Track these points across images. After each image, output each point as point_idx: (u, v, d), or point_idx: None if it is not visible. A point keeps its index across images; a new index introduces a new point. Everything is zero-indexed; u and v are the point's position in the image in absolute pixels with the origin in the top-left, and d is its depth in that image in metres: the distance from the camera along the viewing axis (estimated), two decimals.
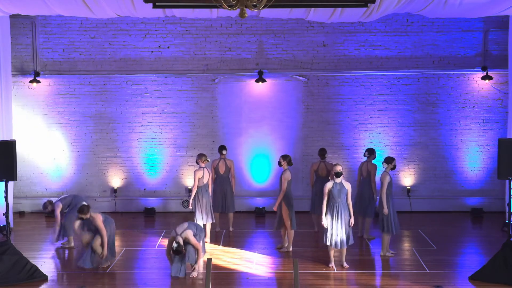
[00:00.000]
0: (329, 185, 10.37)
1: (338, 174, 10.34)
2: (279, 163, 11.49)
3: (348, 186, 10.39)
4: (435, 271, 10.34)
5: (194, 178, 11.87)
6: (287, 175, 11.29)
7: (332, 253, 10.48)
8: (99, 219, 10.38)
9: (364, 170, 12.31)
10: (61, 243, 11.87)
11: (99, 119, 14.72)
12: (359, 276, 10.07)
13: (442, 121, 14.62)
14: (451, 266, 10.73)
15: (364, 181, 12.26)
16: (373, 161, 12.35)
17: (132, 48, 14.57)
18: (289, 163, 11.43)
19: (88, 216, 10.35)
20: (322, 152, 12.73)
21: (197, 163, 12.06)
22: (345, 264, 10.47)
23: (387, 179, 10.78)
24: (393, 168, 11.02)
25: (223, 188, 12.85)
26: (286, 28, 14.49)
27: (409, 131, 14.66)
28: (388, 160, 11.01)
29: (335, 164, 10.45)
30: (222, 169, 12.83)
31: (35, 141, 14.70)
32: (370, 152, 12.34)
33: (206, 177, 12.02)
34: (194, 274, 10.08)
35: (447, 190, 14.67)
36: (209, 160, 12.33)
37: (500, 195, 14.10)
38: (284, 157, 11.47)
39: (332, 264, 10.46)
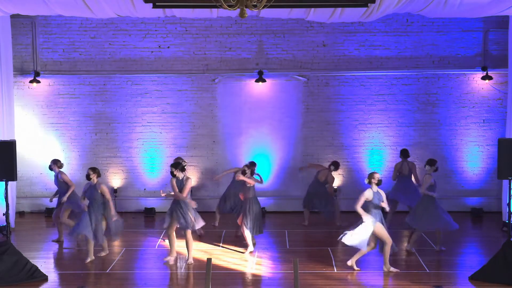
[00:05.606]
0: (368, 194, 10.00)
1: (379, 182, 10.10)
2: (171, 173, 10.57)
3: (382, 193, 10.16)
4: (435, 271, 10.34)
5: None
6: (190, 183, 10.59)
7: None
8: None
9: (322, 176, 13.28)
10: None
11: (99, 119, 14.72)
12: (359, 276, 10.07)
13: (442, 121, 14.61)
14: (451, 266, 10.73)
15: (322, 184, 13.29)
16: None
17: (132, 48, 14.57)
18: (182, 170, 10.54)
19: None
20: (336, 165, 13.43)
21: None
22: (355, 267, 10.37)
23: None
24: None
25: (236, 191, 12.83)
26: (286, 28, 14.49)
27: (409, 131, 14.66)
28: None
29: (374, 173, 10.17)
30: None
31: (35, 141, 14.70)
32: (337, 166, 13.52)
33: None
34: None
35: (447, 190, 14.65)
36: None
37: (500, 195, 14.09)
38: (175, 165, 10.59)
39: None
